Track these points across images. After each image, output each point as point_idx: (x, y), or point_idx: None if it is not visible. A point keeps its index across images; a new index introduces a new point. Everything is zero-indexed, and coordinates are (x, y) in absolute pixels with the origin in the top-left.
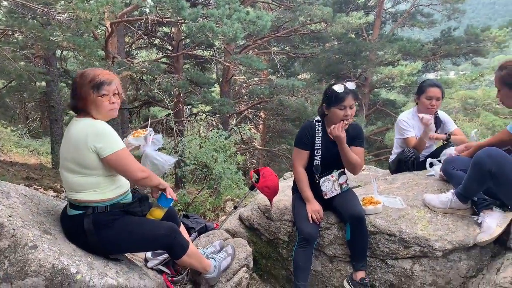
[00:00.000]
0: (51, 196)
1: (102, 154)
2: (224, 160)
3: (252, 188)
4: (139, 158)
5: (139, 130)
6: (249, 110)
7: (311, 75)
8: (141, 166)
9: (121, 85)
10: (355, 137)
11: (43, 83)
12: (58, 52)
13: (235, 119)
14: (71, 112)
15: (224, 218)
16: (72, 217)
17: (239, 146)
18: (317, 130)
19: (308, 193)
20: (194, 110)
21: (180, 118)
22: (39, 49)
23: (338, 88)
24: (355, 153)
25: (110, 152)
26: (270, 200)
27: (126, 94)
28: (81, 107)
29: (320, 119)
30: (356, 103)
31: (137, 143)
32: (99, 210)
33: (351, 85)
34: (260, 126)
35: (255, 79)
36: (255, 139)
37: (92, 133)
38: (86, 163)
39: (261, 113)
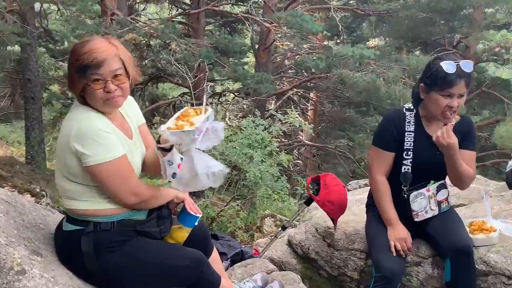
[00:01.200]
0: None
1: (83, 162)
2: (262, 160)
3: (308, 202)
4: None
5: (187, 110)
6: (295, 90)
7: (387, 41)
8: (135, 186)
9: (129, 57)
10: (464, 135)
11: (17, 47)
12: (38, 5)
13: (273, 102)
14: (53, 87)
15: (268, 243)
16: (67, 234)
17: (278, 140)
18: (408, 122)
19: (391, 212)
20: (218, 89)
21: (200, 100)
22: (13, 1)
23: (449, 66)
24: (464, 159)
25: (93, 162)
26: (334, 220)
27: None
28: (73, 92)
29: (412, 107)
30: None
31: (182, 139)
32: (102, 227)
33: (467, 65)
34: (310, 113)
35: (306, 46)
36: (301, 131)
37: (76, 131)
38: (68, 167)
39: (312, 95)
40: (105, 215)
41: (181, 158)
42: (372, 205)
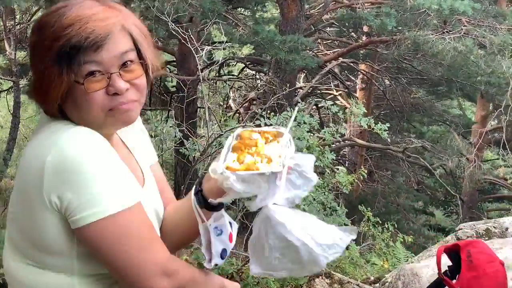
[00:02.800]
0: None
1: (73, 220)
2: None
3: (439, 285)
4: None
5: (245, 134)
6: (341, 60)
7: None
8: (164, 257)
9: (143, 29)
10: None
11: None
12: None
13: (302, 76)
14: None
15: None
16: None
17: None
18: None
19: None
20: (219, 55)
21: (193, 74)
22: None
23: None
24: None
25: (94, 217)
26: None
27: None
28: (42, 102)
29: None
30: None
31: (259, 187)
32: None
33: None
34: (359, 94)
35: None
36: (345, 121)
37: (56, 163)
38: (37, 234)
39: (363, 67)
40: None
41: (230, 224)
42: None
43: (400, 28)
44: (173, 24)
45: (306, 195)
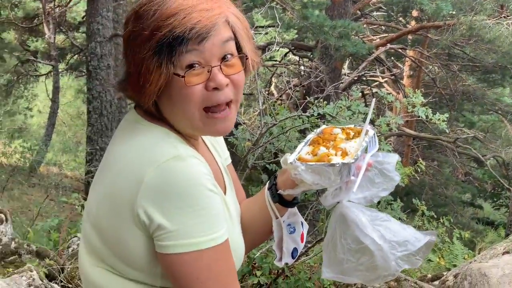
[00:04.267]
0: None
1: (161, 244)
2: None
3: None
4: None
5: (328, 130)
6: (389, 45)
7: None
8: None
9: (244, 21)
10: None
11: None
12: None
13: (347, 63)
14: (7, 35)
15: None
16: None
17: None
18: None
19: None
20: (262, 39)
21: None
22: None
23: None
24: None
25: (182, 249)
26: None
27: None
28: (138, 96)
29: None
30: None
31: (330, 179)
32: None
33: None
34: (405, 82)
35: None
36: (391, 109)
37: (154, 184)
38: (122, 246)
39: (411, 53)
40: None
41: (302, 223)
42: None
43: (454, 12)
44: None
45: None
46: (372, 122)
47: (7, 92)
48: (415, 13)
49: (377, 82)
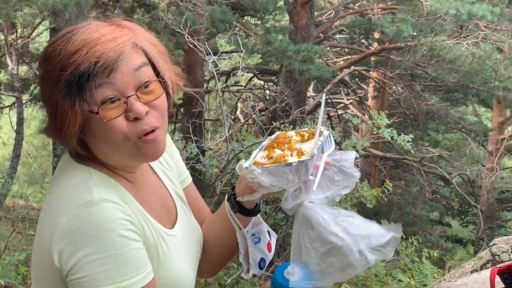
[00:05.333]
0: None
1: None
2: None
3: None
4: None
5: (281, 135)
6: (353, 68)
7: None
8: None
9: (157, 44)
10: None
11: None
12: None
13: (312, 86)
14: None
15: None
16: None
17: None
18: None
19: None
20: (226, 65)
21: (199, 86)
22: None
23: None
24: None
25: None
26: None
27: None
28: (60, 139)
29: None
30: None
31: (287, 180)
32: None
33: None
34: (370, 103)
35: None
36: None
37: (64, 229)
38: None
39: (375, 74)
40: None
41: (269, 233)
42: None
43: (414, 34)
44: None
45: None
46: (338, 144)
47: None
48: (377, 35)
49: (342, 104)
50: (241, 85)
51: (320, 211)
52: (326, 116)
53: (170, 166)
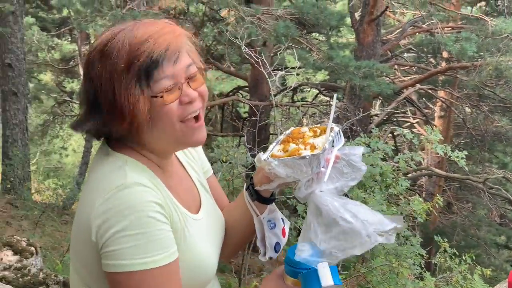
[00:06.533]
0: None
1: (102, 261)
2: (382, 210)
3: None
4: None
5: (296, 131)
6: (418, 86)
7: None
8: None
9: (196, 46)
10: None
11: None
12: None
13: (378, 103)
14: (44, 77)
15: None
16: None
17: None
18: None
19: None
20: (292, 80)
21: (265, 100)
22: None
23: None
24: None
25: (113, 268)
26: None
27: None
28: (115, 132)
29: None
30: None
31: (301, 171)
32: None
33: None
34: (437, 122)
35: (436, 19)
36: (422, 150)
37: (100, 208)
38: (83, 263)
39: (442, 93)
40: None
41: (283, 220)
42: None
43: (481, 53)
44: (246, 48)
45: None
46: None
47: (43, 132)
48: (445, 54)
49: (408, 123)
50: (307, 101)
51: (330, 199)
52: (390, 134)
53: (194, 158)
